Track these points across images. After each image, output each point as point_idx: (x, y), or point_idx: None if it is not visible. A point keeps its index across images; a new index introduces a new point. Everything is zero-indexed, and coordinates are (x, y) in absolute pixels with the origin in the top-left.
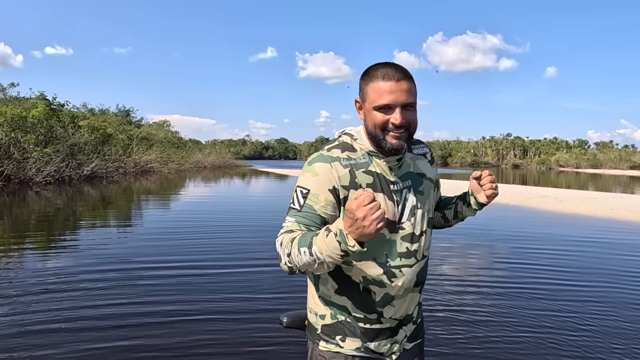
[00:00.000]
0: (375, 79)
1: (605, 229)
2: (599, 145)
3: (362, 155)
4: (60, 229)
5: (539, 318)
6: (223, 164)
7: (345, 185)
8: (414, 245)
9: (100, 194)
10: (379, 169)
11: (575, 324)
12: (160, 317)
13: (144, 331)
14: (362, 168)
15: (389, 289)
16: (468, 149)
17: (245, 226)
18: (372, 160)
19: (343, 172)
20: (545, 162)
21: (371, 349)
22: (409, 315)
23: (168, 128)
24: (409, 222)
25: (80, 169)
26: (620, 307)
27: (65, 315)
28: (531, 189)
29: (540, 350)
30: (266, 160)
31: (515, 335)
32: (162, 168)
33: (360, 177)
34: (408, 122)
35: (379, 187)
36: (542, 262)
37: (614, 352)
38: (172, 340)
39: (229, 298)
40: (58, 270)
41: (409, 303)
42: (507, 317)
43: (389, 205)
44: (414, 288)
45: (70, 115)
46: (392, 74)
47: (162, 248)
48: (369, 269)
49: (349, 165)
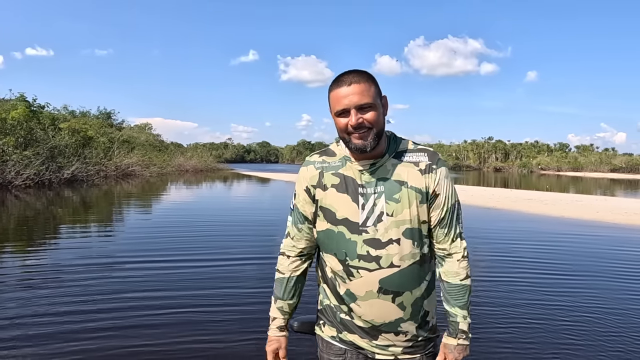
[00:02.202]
0: (333, 87)
1: (596, 231)
2: (580, 149)
3: (338, 160)
4: (40, 232)
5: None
6: (205, 168)
7: (314, 185)
8: (377, 251)
9: (81, 197)
10: (350, 172)
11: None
12: (165, 310)
13: (132, 327)
14: (332, 170)
15: (349, 286)
16: (450, 153)
17: (237, 226)
18: (345, 164)
19: (313, 174)
20: (527, 165)
21: (347, 341)
22: (390, 325)
23: (150, 131)
24: (374, 227)
25: (60, 172)
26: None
27: (58, 310)
28: (516, 192)
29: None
30: (248, 164)
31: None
32: (143, 171)
33: (327, 178)
34: (368, 122)
35: (344, 189)
36: (543, 271)
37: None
38: (176, 332)
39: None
40: (39, 267)
41: (378, 310)
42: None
43: (352, 207)
44: (380, 295)
45: (51, 117)
46: (344, 80)
47: (144, 252)
48: (332, 262)
49: (320, 168)
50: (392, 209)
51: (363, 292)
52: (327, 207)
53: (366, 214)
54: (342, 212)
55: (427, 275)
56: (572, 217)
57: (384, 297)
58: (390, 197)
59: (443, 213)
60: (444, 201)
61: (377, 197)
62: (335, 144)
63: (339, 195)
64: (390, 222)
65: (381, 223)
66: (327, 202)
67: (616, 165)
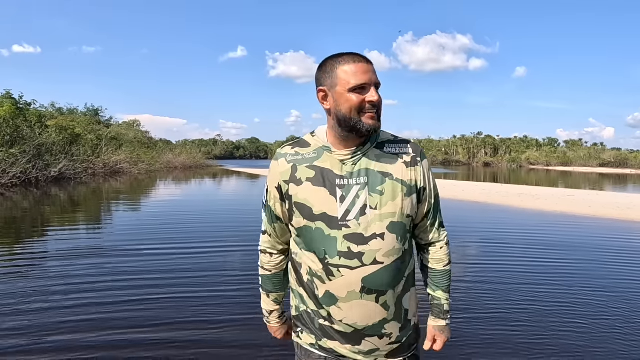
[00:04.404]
0: (346, 62)
1: (595, 228)
2: (569, 144)
3: (312, 151)
4: (28, 231)
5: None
6: (194, 164)
7: (286, 180)
8: (359, 247)
9: (68, 195)
10: (327, 164)
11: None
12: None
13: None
14: (306, 163)
15: (329, 286)
16: (439, 148)
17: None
18: (321, 155)
19: (285, 168)
20: (516, 160)
21: (327, 348)
22: (373, 328)
23: (138, 128)
24: (356, 220)
25: (47, 170)
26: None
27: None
28: (507, 187)
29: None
30: (237, 160)
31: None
32: (132, 169)
33: (301, 172)
34: (380, 102)
35: (321, 182)
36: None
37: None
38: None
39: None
40: (29, 256)
41: (361, 312)
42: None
43: (329, 200)
44: (363, 295)
45: (38, 115)
46: (361, 57)
47: (133, 243)
48: (310, 262)
49: (292, 161)
50: (376, 202)
51: (345, 293)
52: (303, 202)
53: (346, 207)
54: (319, 206)
55: (407, 271)
56: (565, 212)
57: (367, 297)
58: (374, 189)
59: (430, 206)
60: (430, 194)
61: (359, 189)
62: (310, 135)
63: (315, 189)
64: (374, 216)
65: (364, 217)
66: (302, 198)
67: (605, 160)
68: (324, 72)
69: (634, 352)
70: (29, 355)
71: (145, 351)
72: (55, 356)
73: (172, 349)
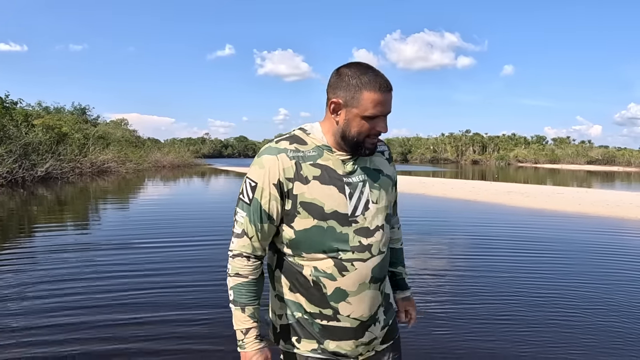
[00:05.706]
0: (373, 88)
1: (585, 225)
2: (557, 141)
3: (311, 149)
4: (15, 230)
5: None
6: (182, 163)
7: (290, 178)
8: (368, 240)
9: (55, 195)
10: (330, 163)
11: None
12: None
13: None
14: (310, 161)
15: (340, 282)
16: (427, 146)
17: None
18: (322, 154)
19: (288, 165)
20: (504, 158)
21: (330, 350)
22: (373, 317)
23: (126, 127)
24: (362, 215)
25: (34, 170)
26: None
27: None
28: (496, 185)
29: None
30: (226, 159)
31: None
32: (119, 168)
33: (306, 170)
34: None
35: (328, 180)
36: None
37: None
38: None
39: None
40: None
41: (368, 302)
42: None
43: (339, 198)
44: (371, 285)
45: (24, 114)
46: (386, 85)
47: (121, 239)
48: (319, 262)
49: (295, 157)
50: (376, 197)
51: (356, 286)
52: (311, 201)
53: (354, 203)
54: (330, 205)
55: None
56: (555, 210)
57: (374, 286)
58: (373, 185)
59: (396, 195)
60: (396, 185)
61: (363, 186)
62: (302, 132)
63: (325, 187)
64: (375, 210)
65: (368, 211)
66: (310, 197)
67: (592, 158)
68: (345, 84)
69: (619, 340)
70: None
71: (132, 343)
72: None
73: (156, 343)
